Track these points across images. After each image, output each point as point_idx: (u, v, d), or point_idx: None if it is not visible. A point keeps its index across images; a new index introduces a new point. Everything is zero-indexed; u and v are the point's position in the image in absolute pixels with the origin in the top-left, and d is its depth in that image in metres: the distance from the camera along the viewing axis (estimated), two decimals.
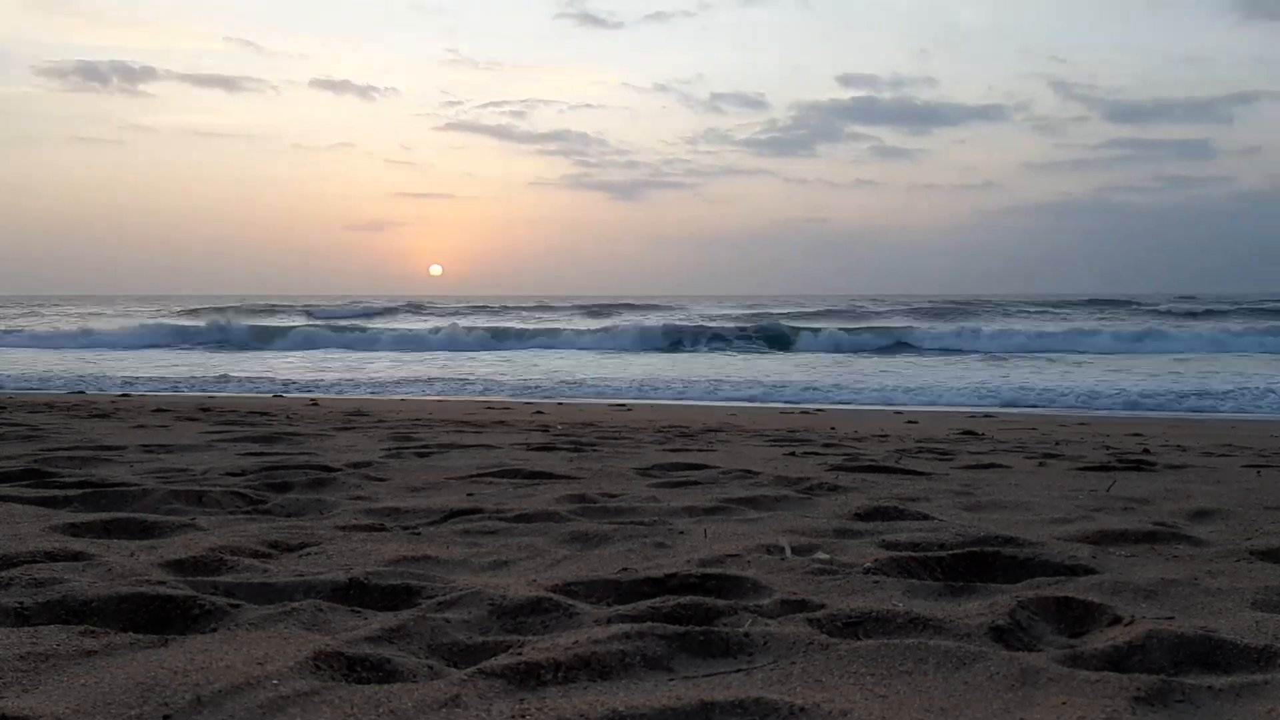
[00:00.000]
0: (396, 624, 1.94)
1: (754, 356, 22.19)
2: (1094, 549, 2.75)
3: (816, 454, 5.36)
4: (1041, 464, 5.09)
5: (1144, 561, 2.64)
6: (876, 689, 1.68)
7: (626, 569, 2.46)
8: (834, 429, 7.64)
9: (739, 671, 1.77)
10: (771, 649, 1.86)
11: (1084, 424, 8.98)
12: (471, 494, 3.70)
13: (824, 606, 2.12)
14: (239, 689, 1.58)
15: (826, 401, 12.17)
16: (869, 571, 2.46)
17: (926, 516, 3.25)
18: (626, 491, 3.80)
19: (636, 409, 10.45)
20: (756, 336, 26.20)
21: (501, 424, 7.48)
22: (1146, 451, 5.92)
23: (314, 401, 10.55)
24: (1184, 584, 2.33)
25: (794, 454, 5.35)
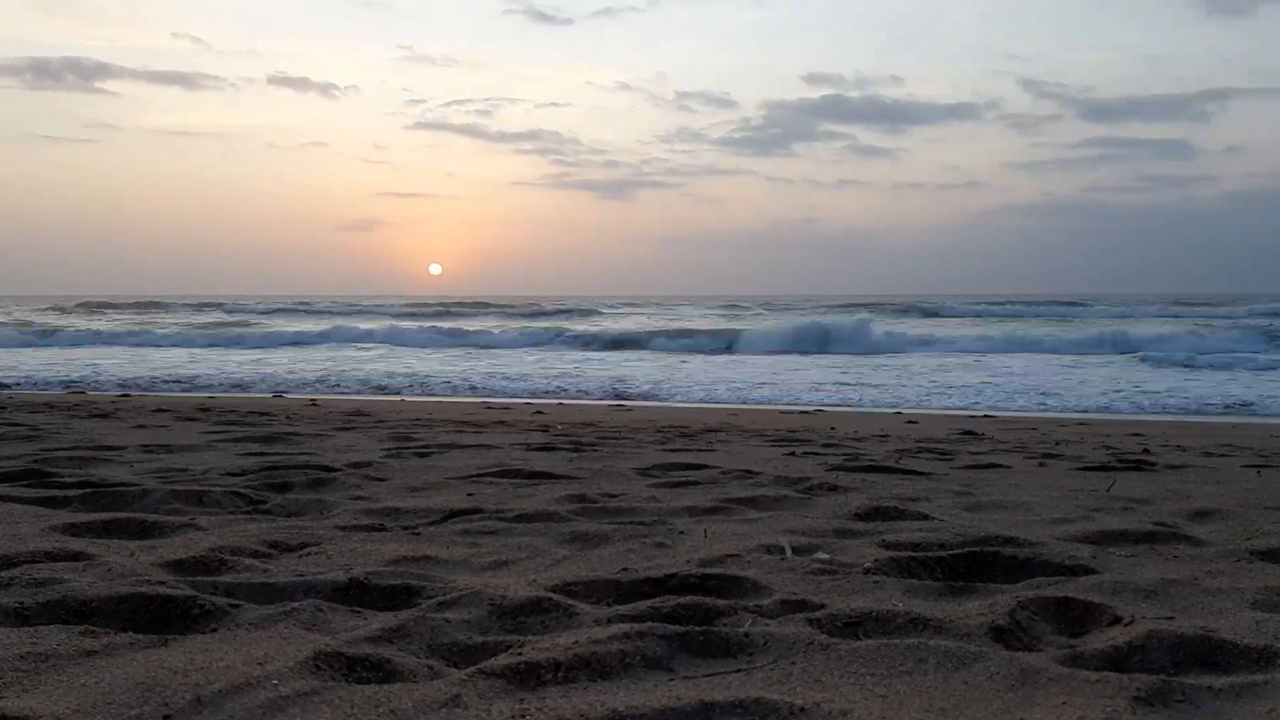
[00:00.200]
0: (396, 624, 1.94)
1: (609, 354, 22.79)
2: (1094, 549, 2.75)
3: (816, 454, 5.36)
4: (1041, 464, 5.09)
5: (1144, 561, 2.64)
6: (876, 689, 1.68)
7: (626, 569, 2.46)
8: (834, 429, 7.64)
9: (739, 671, 1.77)
10: (771, 649, 1.86)
11: (1084, 424, 8.98)
12: (471, 494, 3.70)
13: (824, 606, 2.12)
14: (239, 689, 1.58)
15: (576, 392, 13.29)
16: (869, 571, 2.46)
17: (926, 516, 3.25)
18: (626, 491, 3.80)
19: (637, 409, 10.45)
20: (620, 338, 27.01)
21: (501, 424, 7.48)
22: (1146, 452, 5.93)
23: (314, 401, 10.55)
24: (1184, 584, 2.33)
25: (794, 454, 5.35)
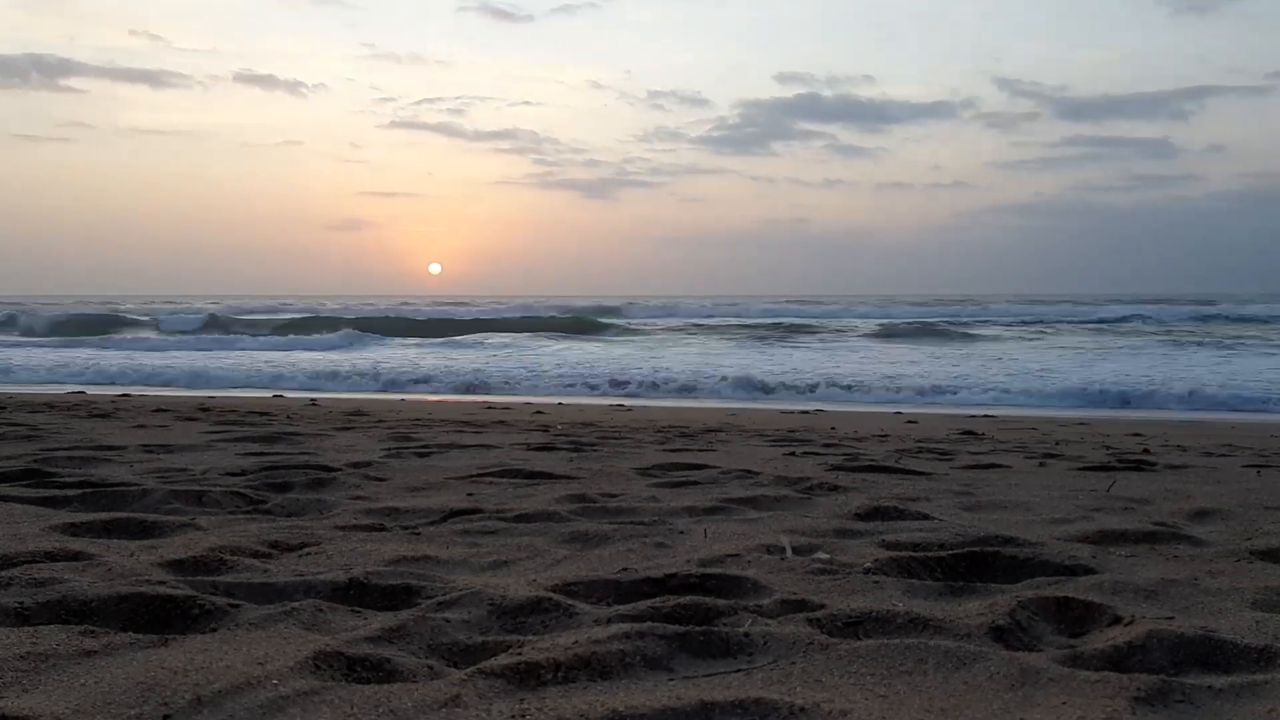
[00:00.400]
0: (396, 624, 1.94)
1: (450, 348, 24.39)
2: (1094, 549, 2.75)
3: (816, 454, 5.36)
4: (1042, 464, 5.09)
5: (1144, 561, 2.64)
6: (876, 689, 1.68)
7: (626, 569, 2.46)
8: (834, 429, 7.64)
9: (739, 671, 1.77)
10: (771, 649, 1.86)
11: (1084, 424, 8.98)
12: (471, 494, 3.70)
13: (824, 606, 2.12)
14: (239, 689, 1.58)
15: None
16: (869, 571, 2.46)
17: (926, 516, 3.25)
18: (626, 491, 3.80)
19: (636, 409, 10.45)
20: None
21: (501, 424, 7.48)
22: (1147, 451, 5.93)
23: (314, 401, 10.55)
24: (1184, 584, 2.33)
25: (794, 454, 5.35)
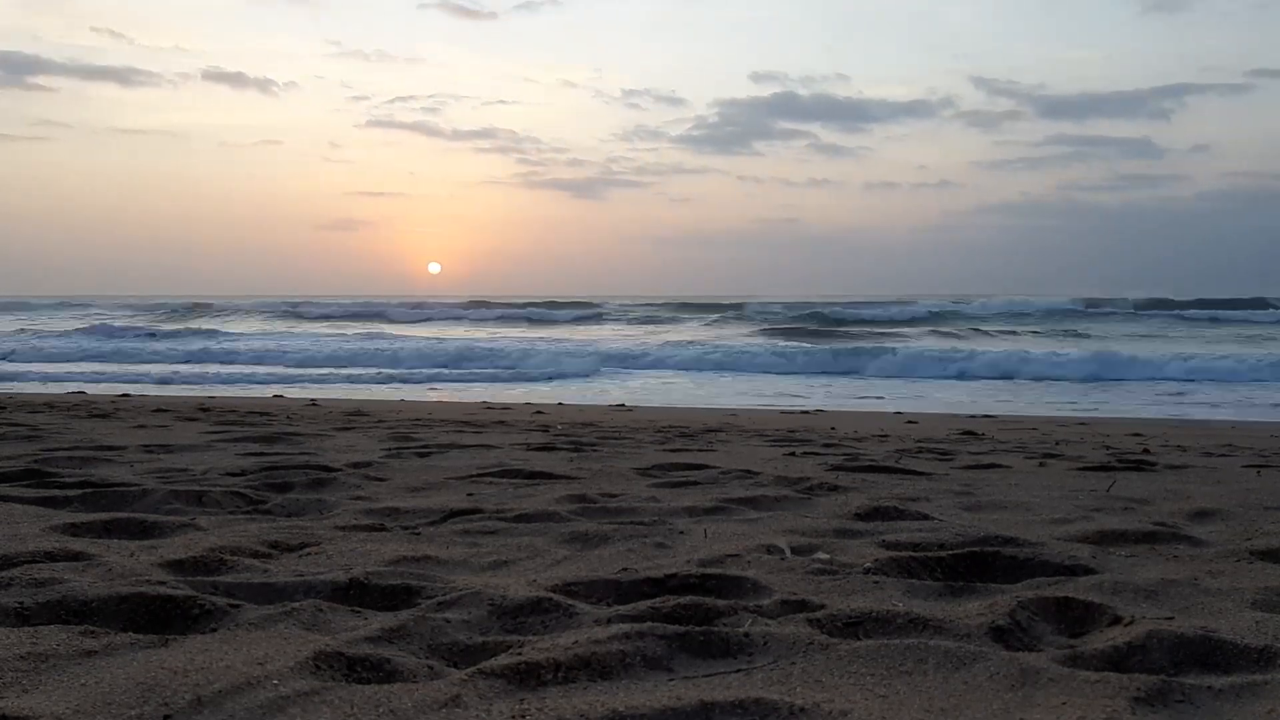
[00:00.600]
0: (396, 624, 1.94)
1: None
2: (1094, 549, 2.75)
3: (816, 454, 5.36)
4: (1041, 464, 5.09)
5: (1144, 561, 2.64)
6: (876, 689, 1.68)
7: (626, 569, 2.46)
8: (834, 429, 7.64)
9: (739, 671, 1.77)
10: (771, 649, 1.86)
11: (1084, 424, 8.98)
12: (471, 494, 3.70)
13: (824, 606, 2.12)
14: (239, 689, 1.58)
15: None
16: (869, 571, 2.46)
17: (926, 516, 3.25)
18: (626, 491, 3.80)
19: (637, 409, 10.45)
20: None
21: (501, 424, 7.48)
22: (1147, 452, 5.93)
23: (313, 402, 10.55)
24: (1184, 584, 2.33)
25: (794, 454, 5.35)
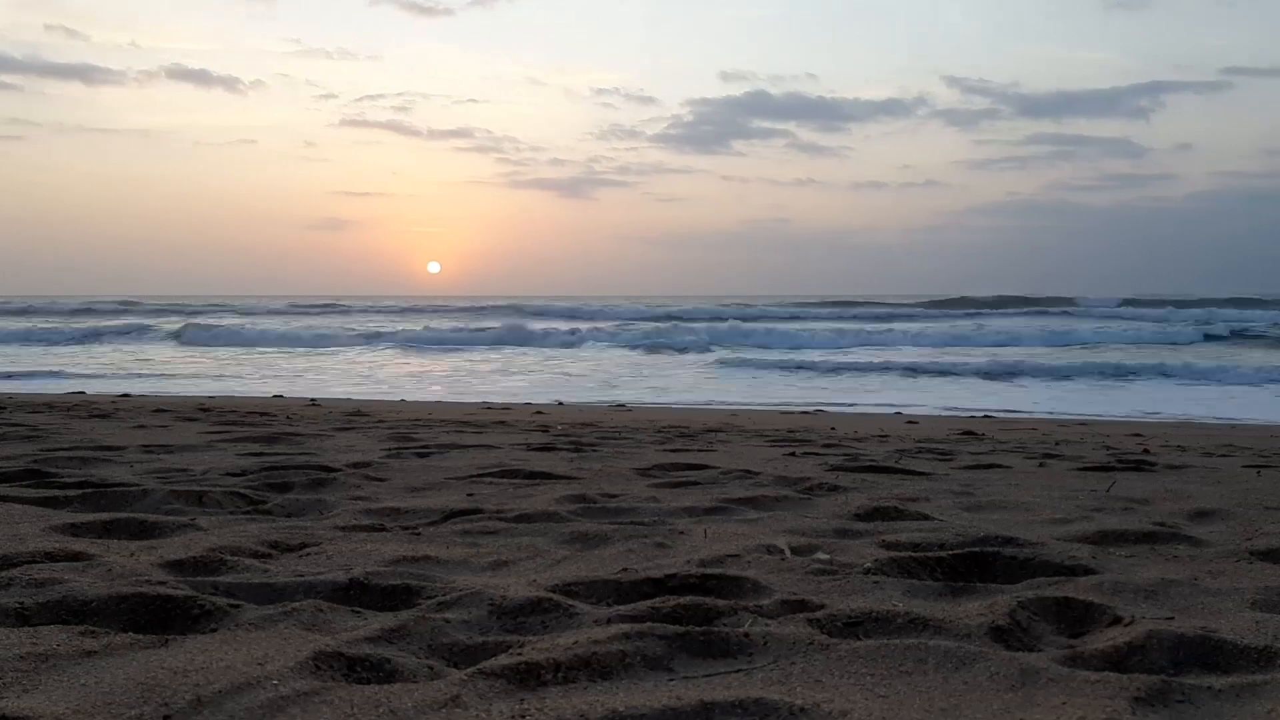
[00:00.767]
0: (396, 624, 1.94)
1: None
2: (1094, 549, 2.75)
3: (816, 454, 5.36)
4: (1041, 464, 5.09)
5: (1144, 561, 2.64)
6: (876, 689, 1.68)
7: (626, 569, 2.46)
8: (834, 429, 7.64)
9: (739, 671, 1.77)
10: (771, 649, 1.86)
11: (1084, 424, 8.98)
12: (471, 494, 3.70)
13: (824, 606, 2.12)
14: (239, 689, 1.58)
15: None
16: (869, 571, 2.46)
17: (926, 516, 3.25)
18: (626, 491, 3.80)
19: (637, 410, 10.45)
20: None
21: (501, 424, 7.48)
22: (1147, 452, 5.93)
23: (314, 402, 10.55)
24: (1184, 584, 2.33)
25: (794, 454, 5.35)
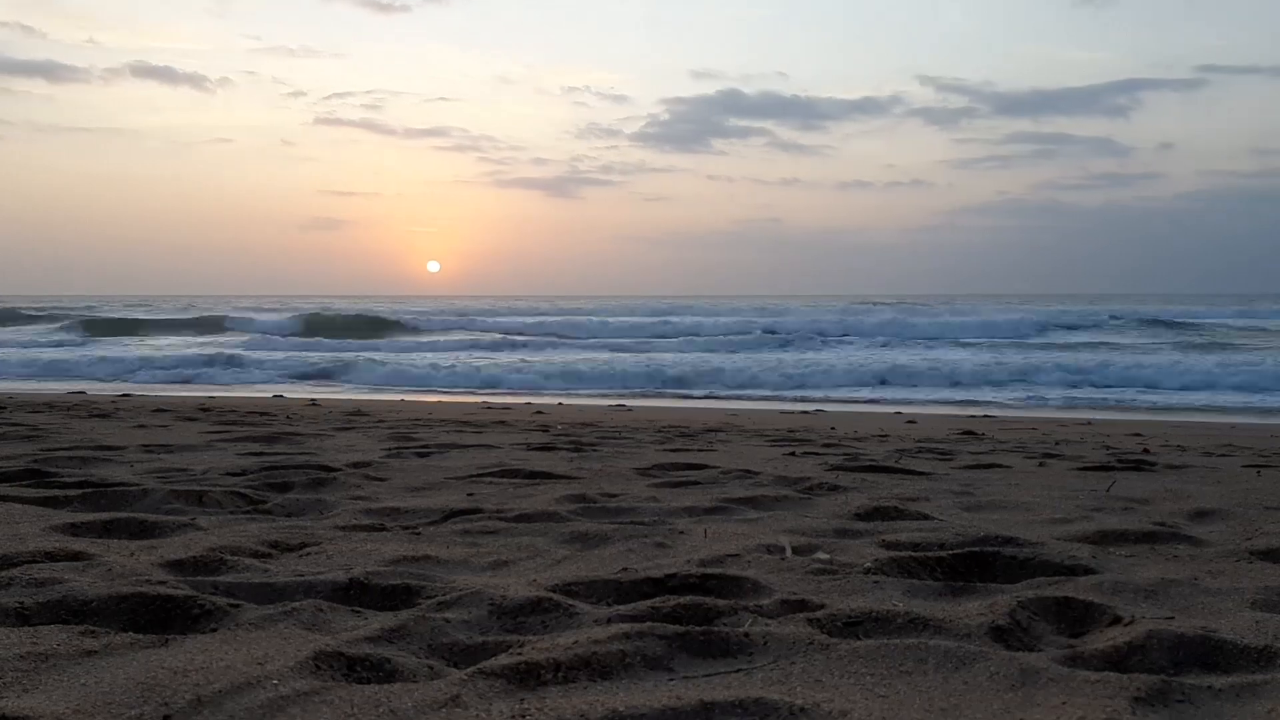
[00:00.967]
0: (396, 624, 1.94)
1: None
2: (1094, 549, 2.75)
3: (816, 454, 5.36)
4: (1041, 464, 5.09)
5: (1144, 561, 2.64)
6: (876, 689, 1.68)
7: (626, 569, 2.46)
8: (834, 429, 7.64)
9: (739, 671, 1.77)
10: (771, 649, 1.86)
11: (1084, 424, 8.98)
12: (471, 494, 3.70)
13: (824, 606, 2.12)
14: (239, 689, 1.58)
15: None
16: (869, 571, 2.46)
17: (926, 516, 3.25)
18: (626, 491, 3.80)
19: (637, 409, 10.45)
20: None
21: (501, 424, 7.48)
22: (1146, 452, 5.93)
23: (314, 402, 10.55)
24: (1184, 584, 2.33)
25: (794, 454, 5.35)
